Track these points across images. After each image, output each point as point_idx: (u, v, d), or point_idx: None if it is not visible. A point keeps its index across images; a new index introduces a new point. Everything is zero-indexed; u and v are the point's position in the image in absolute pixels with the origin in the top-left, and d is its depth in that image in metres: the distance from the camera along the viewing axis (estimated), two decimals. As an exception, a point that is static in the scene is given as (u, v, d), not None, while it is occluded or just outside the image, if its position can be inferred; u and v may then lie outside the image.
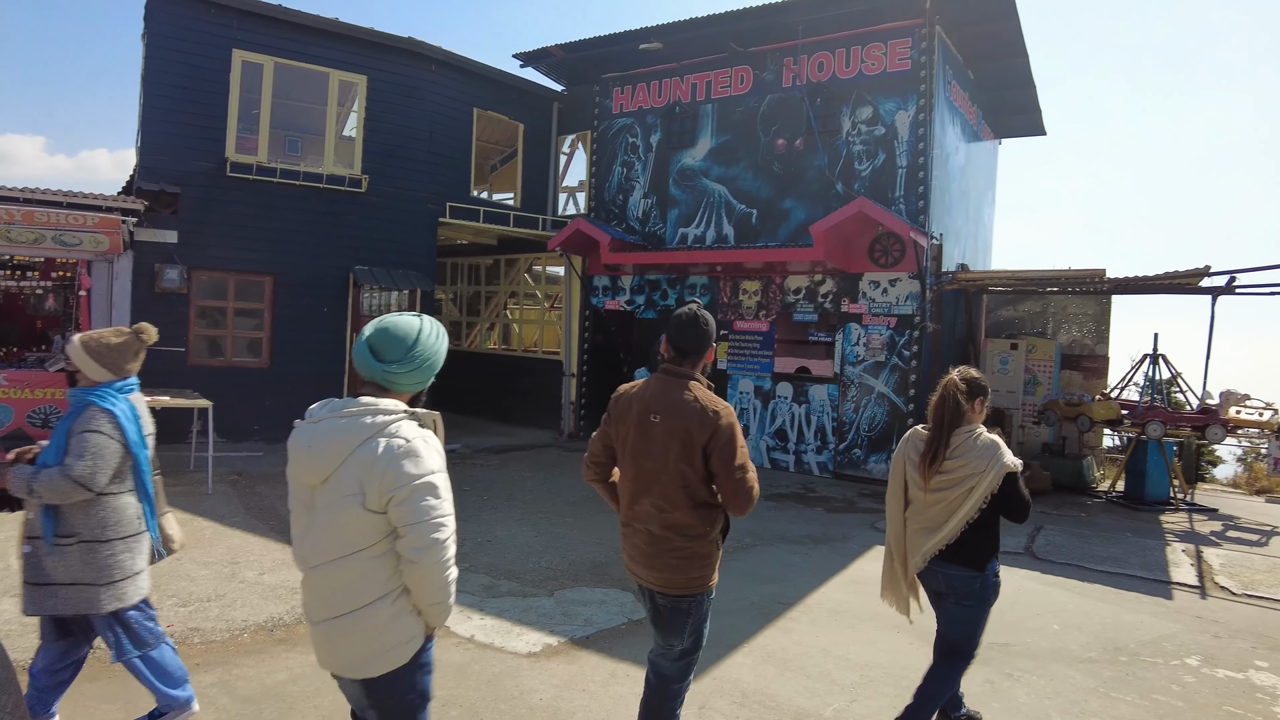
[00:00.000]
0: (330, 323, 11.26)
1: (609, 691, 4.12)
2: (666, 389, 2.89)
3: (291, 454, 2.18)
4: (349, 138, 12.40)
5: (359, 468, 2.07)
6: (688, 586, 2.90)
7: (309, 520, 2.17)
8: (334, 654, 2.18)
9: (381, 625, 2.13)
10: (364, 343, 2.21)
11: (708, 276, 11.47)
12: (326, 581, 2.13)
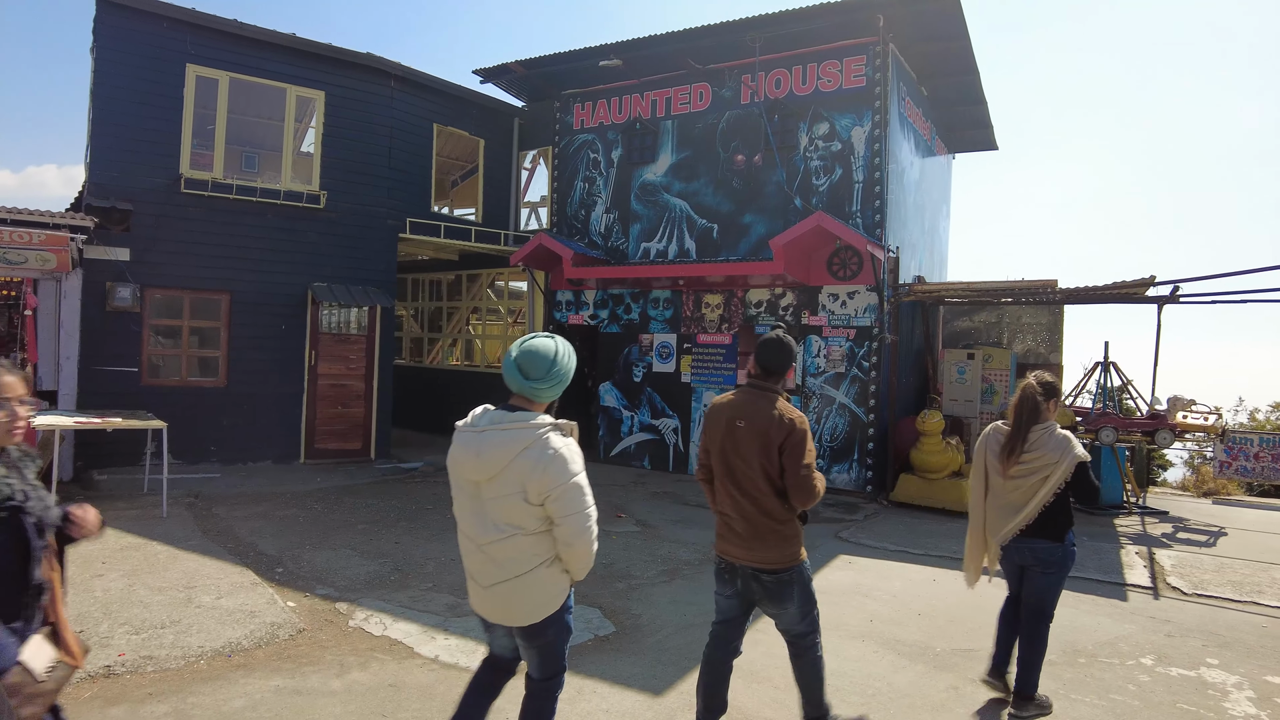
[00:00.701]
0: (288, 341, 11.08)
1: (576, 708, 4.09)
2: (754, 400, 3.48)
3: (458, 455, 2.76)
4: (307, 154, 12.26)
5: (520, 471, 2.64)
6: (783, 561, 3.48)
7: (476, 508, 2.75)
8: (507, 609, 2.80)
9: (543, 583, 2.77)
10: (513, 362, 2.75)
11: (670, 290, 11.53)
12: (499, 554, 2.73)
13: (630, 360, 11.88)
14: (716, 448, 3.55)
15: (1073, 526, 4.06)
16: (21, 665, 1.96)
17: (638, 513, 8.66)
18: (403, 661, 4.57)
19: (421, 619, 5.21)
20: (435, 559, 6.60)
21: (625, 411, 11.92)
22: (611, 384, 12.06)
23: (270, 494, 8.94)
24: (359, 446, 11.42)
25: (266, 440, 10.81)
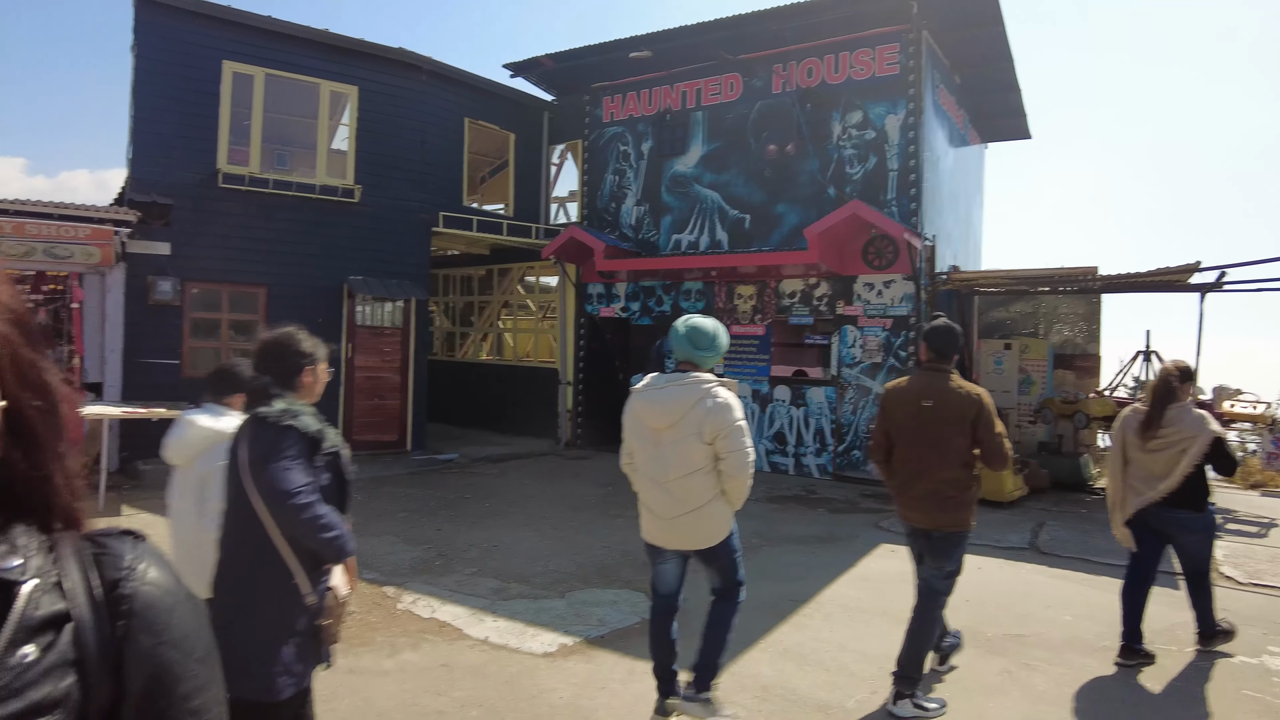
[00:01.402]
0: (324, 334, 11.08)
1: (629, 689, 4.09)
2: (933, 381, 3.92)
3: (641, 409, 3.55)
4: (339, 150, 12.36)
5: (696, 417, 3.40)
6: (958, 525, 3.93)
7: (656, 453, 3.51)
8: (689, 536, 3.55)
9: (717, 513, 3.52)
10: (683, 335, 3.55)
11: (702, 282, 11.50)
12: (680, 489, 3.46)
13: (663, 353, 11.85)
14: (900, 426, 4.00)
15: (1209, 497, 4.45)
16: (349, 560, 2.59)
17: (674, 503, 8.64)
18: (453, 643, 4.59)
19: (469, 602, 5.24)
20: (477, 545, 6.63)
21: (657, 404, 11.89)
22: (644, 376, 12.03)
23: (310, 484, 9.03)
24: (395, 438, 11.51)
25: (304, 432, 10.92)
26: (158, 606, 0.75)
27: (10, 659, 0.64)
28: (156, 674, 0.73)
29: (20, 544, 0.70)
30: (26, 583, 0.68)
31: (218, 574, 2.56)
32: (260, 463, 2.42)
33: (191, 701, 0.76)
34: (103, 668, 0.70)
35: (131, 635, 0.72)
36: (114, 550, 0.76)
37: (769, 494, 9.30)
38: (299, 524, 2.38)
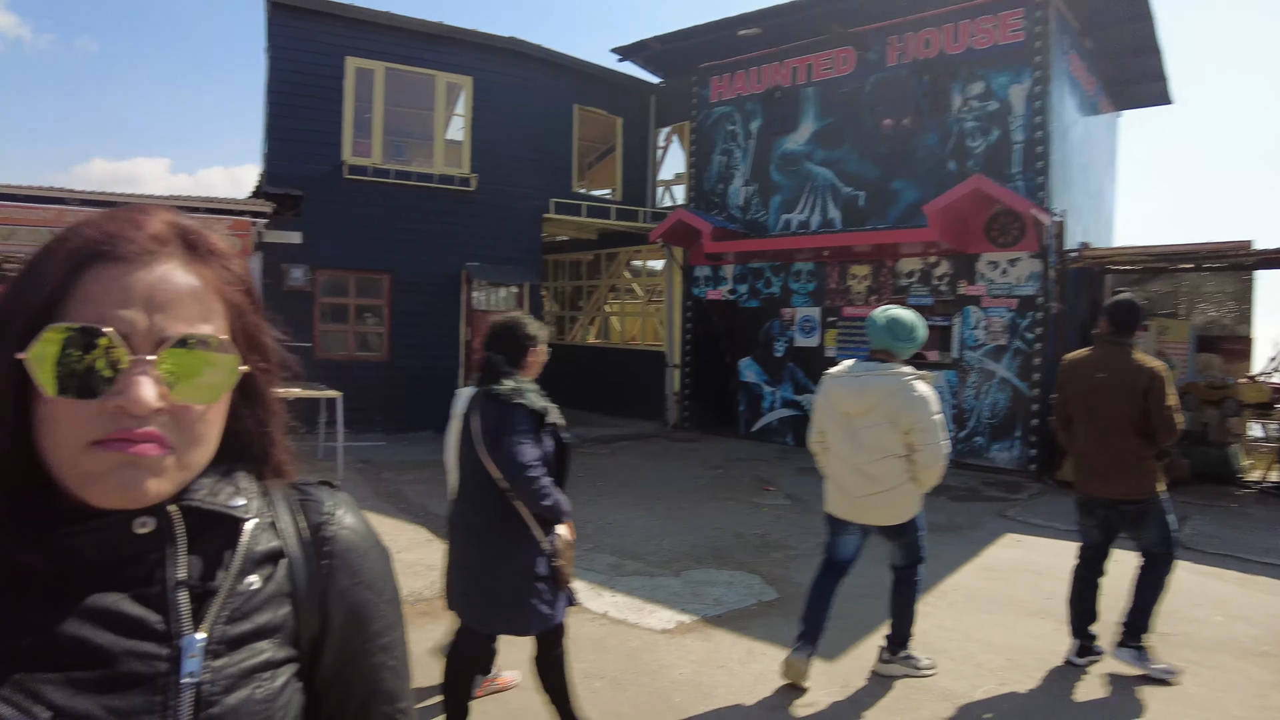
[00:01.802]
0: (444, 318, 11.61)
1: (748, 669, 4.08)
2: (1110, 354, 4.06)
3: (836, 394, 3.77)
4: (455, 141, 12.75)
5: (891, 407, 3.59)
6: (1143, 491, 4.00)
7: (849, 436, 3.72)
8: (878, 514, 3.78)
9: (906, 494, 3.73)
10: (882, 326, 3.70)
11: (814, 262, 11.26)
12: (873, 471, 3.68)
13: (771, 335, 11.71)
14: (1076, 398, 4.13)
15: None
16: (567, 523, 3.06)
17: (786, 487, 8.55)
18: (574, 615, 4.68)
19: (587, 577, 5.34)
20: (593, 522, 6.75)
21: (766, 387, 11.77)
22: (751, 359, 11.93)
23: (433, 461, 9.39)
24: (508, 419, 11.85)
25: (426, 411, 11.37)
26: (354, 549, 0.81)
27: (239, 585, 0.72)
28: (353, 611, 0.80)
29: (243, 487, 0.77)
30: (249, 521, 0.75)
31: (466, 528, 3.03)
32: (495, 435, 2.86)
33: (382, 639, 0.82)
34: (310, 601, 0.77)
35: (333, 574, 0.79)
36: (316, 497, 0.82)
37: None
38: (528, 492, 2.83)
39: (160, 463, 0.66)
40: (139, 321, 0.65)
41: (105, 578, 0.67)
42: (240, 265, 0.77)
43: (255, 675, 0.70)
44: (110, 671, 0.64)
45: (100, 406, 0.64)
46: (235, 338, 0.73)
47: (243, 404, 0.76)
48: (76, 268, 0.66)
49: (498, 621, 2.96)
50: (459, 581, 3.02)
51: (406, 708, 0.84)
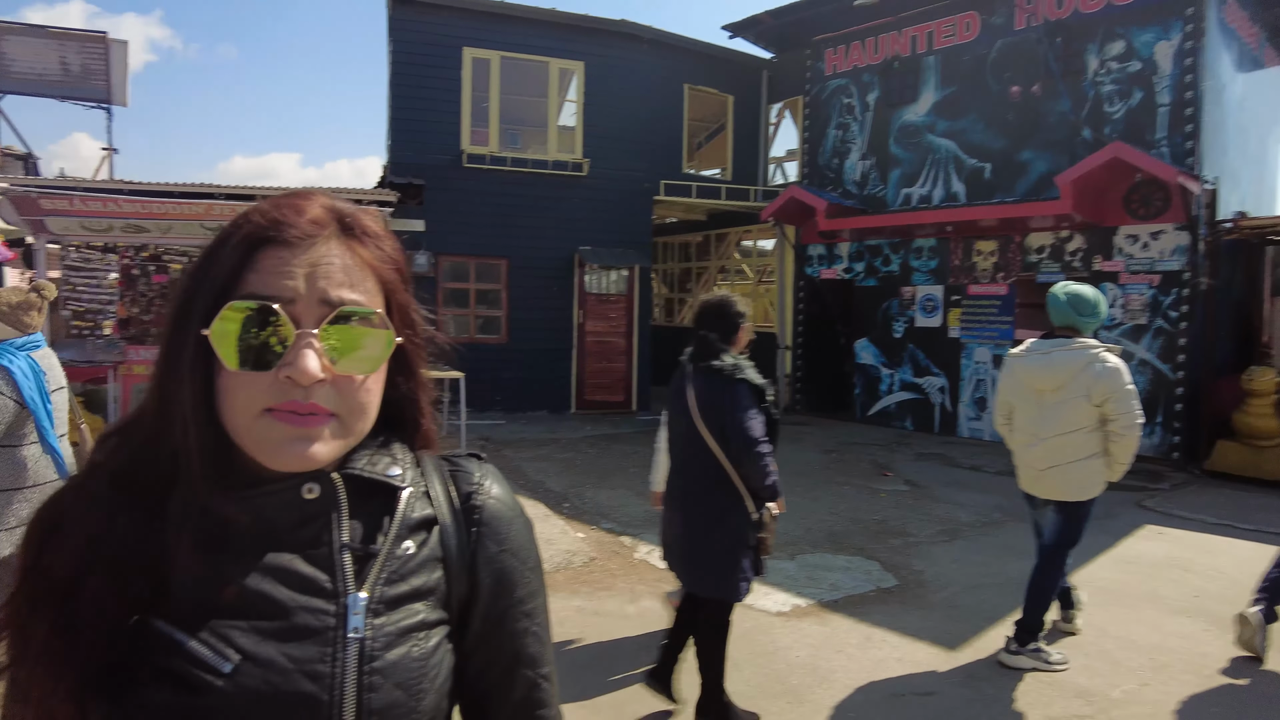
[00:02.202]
0: (558, 301, 11.88)
1: (867, 654, 4.03)
2: None
3: (1020, 370, 3.86)
4: (567, 126, 12.94)
5: (1084, 381, 3.63)
6: None
7: (1037, 412, 3.80)
8: (1056, 487, 3.81)
9: (1092, 471, 3.74)
10: (1065, 303, 3.74)
11: (936, 238, 10.82)
12: (1057, 444, 3.73)
13: (890, 315, 11.36)
14: None
15: None
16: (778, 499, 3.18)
17: (905, 473, 8.32)
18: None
19: (702, 558, 5.39)
20: (706, 504, 6.79)
21: (884, 369, 11.45)
22: (868, 341, 11.62)
23: (549, 439, 9.70)
24: (622, 399, 12.04)
25: (541, 392, 11.72)
26: (501, 518, 0.85)
27: (397, 550, 0.77)
28: (499, 577, 0.83)
29: (399, 457, 0.82)
30: (405, 489, 0.80)
31: (682, 496, 3.20)
32: (715, 410, 3.02)
33: (526, 605, 0.85)
34: (460, 566, 0.81)
35: (481, 541, 0.83)
36: (465, 468, 0.87)
37: (1011, 467, 8.65)
38: (755, 468, 2.98)
39: (324, 431, 0.72)
40: (303, 298, 0.71)
41: (280, 539, 0.74)
42: (392, 245, 0.81)
43: (412, 634, 0.75)
44: (288, 623, 0.70)
45: (272, 378, 0.70)
46: (389, 312, 0.78)
47: (397, 376, 0.82)
48: (248, 251, 0.73)
49: (707, 584, 3.12)
50: (677, 546, 3.23)
51: (549, 673, 0.87)
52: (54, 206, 9.15)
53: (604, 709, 3.47)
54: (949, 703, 3.56)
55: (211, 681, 0.67)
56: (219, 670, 0.67)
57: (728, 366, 3.05)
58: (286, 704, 0.68)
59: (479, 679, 0.83)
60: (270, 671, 0.68)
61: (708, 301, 3.28)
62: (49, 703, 0.68)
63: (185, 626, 0.69)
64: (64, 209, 9.20)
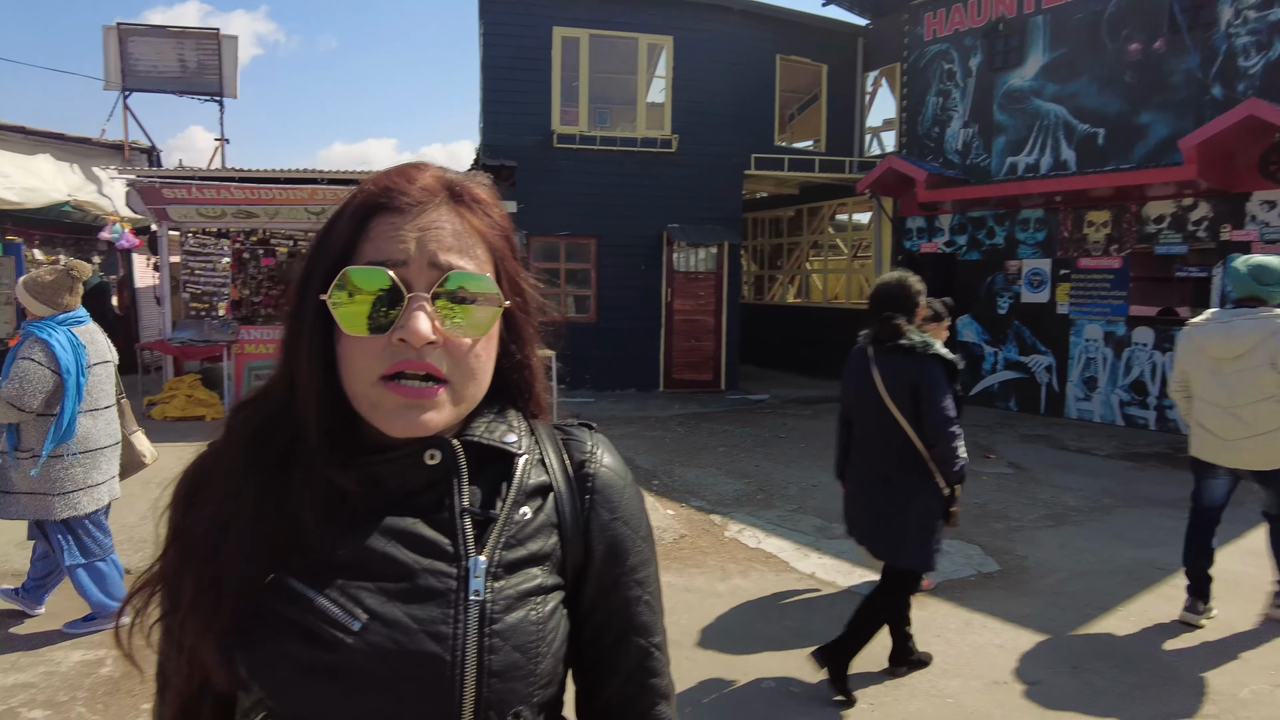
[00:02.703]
0: (647, 279, 11.86)
1: (967, 640, 3.88)
2: None
3: (1200, 340, 3.87)
4: (655, 103, 12.86)
5: (1271, 349, 3.63)
6: None
7: (1219, 380, 3.81)
8: (1254, 457, 3.80)
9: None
10: (1246, 274, 3.78)
11: (1044, 209, 10.25)
12: (1249, 415, 3.73)
13: (993, 290, 10.86)
14: None
15: None
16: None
17: (1008, 455, 7.97)
18: (780, 574, 4.69)
19: (793, 537, 5.31)
20: (797, 483, 6.68)
21: (987, 347, 10.98)
22: (970, 317, 11.15)
23: (638, 417, 9.74)
24: (710, 378, 11.97)
25: (630, 370, 11.77)
26: (613, 487, 0.86)
27: (514, 515, 0.79)
28: (612, 545, 0.84)
29: (514, 425, 0.84)
30: (522, 456, 0.82)
31: (871, 474, 3.33)
32: (906, 388, 3.11)
33: (638, 573, 0.85)
34: (575, 532, 0.82)
35: (594, 508, 0.84)
36: (578, 437, 0.88)
37: (1123, 450, 8.19)
38: (946, 450, 3.08)
39: (437, 399, 0.73)
40: (414, 262, 0.73)
41: (403, 503, 0.76)
42: (500, 213, 0.83)
43: (529, 598, 0.76)
44: (411, 585, 0.73)
45: (386, 341, 0.72)
46: (498, 278, 0.79)
47: (510, 344, 0.84)
48: (363, 220, 0.76)
49: (905, 556, 3.23)
50: (867, 522, 3.37)
51: (660, 641, 0.88)
52: (174, 195, 9.73)
53: (696, 684, 3.46)
54: (1055, 692, 3.39)
55: (341, 638, 0.70)
56: (348, 628, 0.70)
57: (919, 344, 3.14)
58: (412, 662, 0.71)
59: (592, 645, 0.84)
60: (396, 631, 0.71)
61: (886, 282, 3.32)
62: (198, 650, 0.73)
63: (316, 585, 0.72)
64: (183, 197, 9.77)
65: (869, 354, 3.28)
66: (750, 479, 6.81)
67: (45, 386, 3.48)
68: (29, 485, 3.55)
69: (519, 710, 0.74)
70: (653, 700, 0.86)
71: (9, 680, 3.41)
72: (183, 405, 9.34)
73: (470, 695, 0.71)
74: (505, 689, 0.73)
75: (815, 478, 6.90)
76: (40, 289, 3.62)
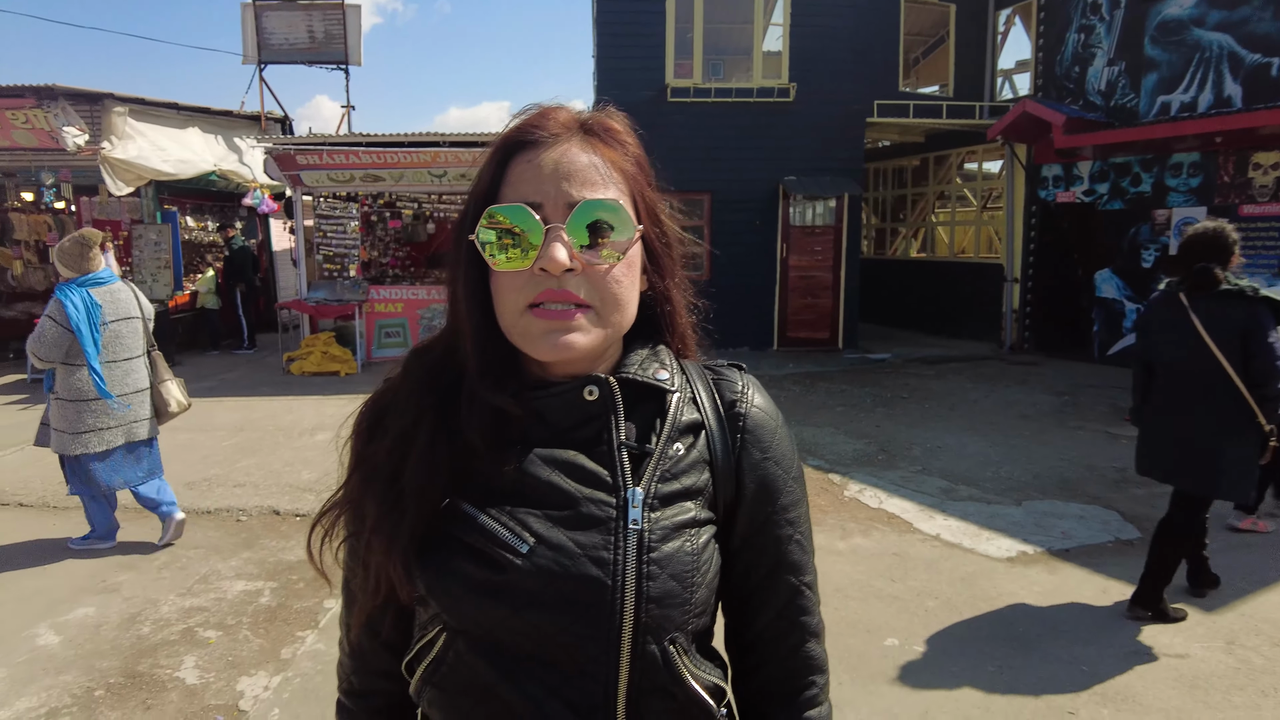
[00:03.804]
0: (761, 235, 11.64)
1: (1103, 608, 3.69)
2: None
3: None
4: (772, 52, 12.46)
5: None
6: None
7: None
8: None
9: None
10: None
11: (1200, 152, 9.35)
12: None
13: (1138, 242, 10.06)
14: None
15: None
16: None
17: (1150, 415, 7.43)
18: (903, 535, 4.58)
19: (916, 498, 5.16)
20: (920, 444, 6.48)
21: (1129, 303, 10.22)
22: (1111, 271, 10.39)
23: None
24: (826, 336, 11.69)
25: (744, 328, 11.64)
26: (765, 427, 0.87)
27: (669, 450, 0.81)
28: (763, 483, 0.85)
29: (666, 363, 0.87)
30: (675, 394, 0.84)
31: (1180, 411, 3.45)
32: (1231, 333, 3.26)
33: (789, 513, 0.87)
34: (726, 469, 0.84)
35: (746, 447, 0.85)
36: (729, 377, 0.90)
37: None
38: (1274, 389, 3.23)
39: (579, 322, 0.77)
40: (550, 194, 0.77)
41: (564, 437, 0.80)
42: (634, 142, 0.85)
43: (684, 530, 0.79)
44: (574, 512, 0.77)
45: (529, 273, 0.76)
46: (636, 208, 0.82)
47: (652, 276, 0.86)
48: (504, 160, 0.80)
49: (1221, 489, 3.39)
50: (1176, 457, 3.47)
51: (811, 581, 0.89)
52: (307, 161, 10.25)
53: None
54: (1205, 668, 3.19)
55: (511, 559, 0.75)
56: (518, 550, 0.75)
57: (1247, 287, 3.29)
58: (575, 583, 0.75)
59: (743, 581, 0.86)
60: (561, 554, 0.75)
61: (1203, 231, 3.43)
62: (382, 566, 0.80)
63: (486, 510, 0.78)
64: (314, 163, 10.28)
65: (1182, 301, 3.40)
66: (870, 439, 6.64)
67: (61, 341, 3.96)
68: (56, 422, 4.08)
69: (674, 636, 0.78)
70: (802, 636, 0.88)
71: (187, 603, 3.78)
72: (319, 361, 9.94)
73: (629, 619, 0.74)
74: (662, 615, 0.76)
75: (940, 439, 6.66)
76: (63, 256, 4.09)
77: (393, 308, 10.84)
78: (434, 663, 0.79)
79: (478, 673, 0.77)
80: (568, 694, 0.75)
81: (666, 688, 0.77)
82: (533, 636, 0.75)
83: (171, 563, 4.25)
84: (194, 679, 3.14)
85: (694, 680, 0.79)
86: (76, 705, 2.96)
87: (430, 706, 0.82)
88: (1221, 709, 2.92)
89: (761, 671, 0.88)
